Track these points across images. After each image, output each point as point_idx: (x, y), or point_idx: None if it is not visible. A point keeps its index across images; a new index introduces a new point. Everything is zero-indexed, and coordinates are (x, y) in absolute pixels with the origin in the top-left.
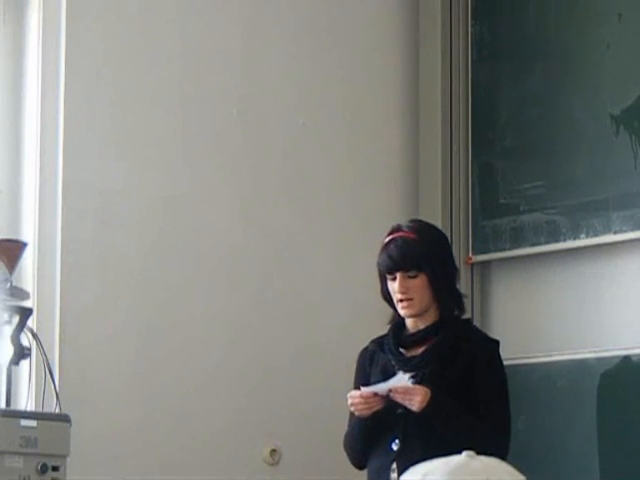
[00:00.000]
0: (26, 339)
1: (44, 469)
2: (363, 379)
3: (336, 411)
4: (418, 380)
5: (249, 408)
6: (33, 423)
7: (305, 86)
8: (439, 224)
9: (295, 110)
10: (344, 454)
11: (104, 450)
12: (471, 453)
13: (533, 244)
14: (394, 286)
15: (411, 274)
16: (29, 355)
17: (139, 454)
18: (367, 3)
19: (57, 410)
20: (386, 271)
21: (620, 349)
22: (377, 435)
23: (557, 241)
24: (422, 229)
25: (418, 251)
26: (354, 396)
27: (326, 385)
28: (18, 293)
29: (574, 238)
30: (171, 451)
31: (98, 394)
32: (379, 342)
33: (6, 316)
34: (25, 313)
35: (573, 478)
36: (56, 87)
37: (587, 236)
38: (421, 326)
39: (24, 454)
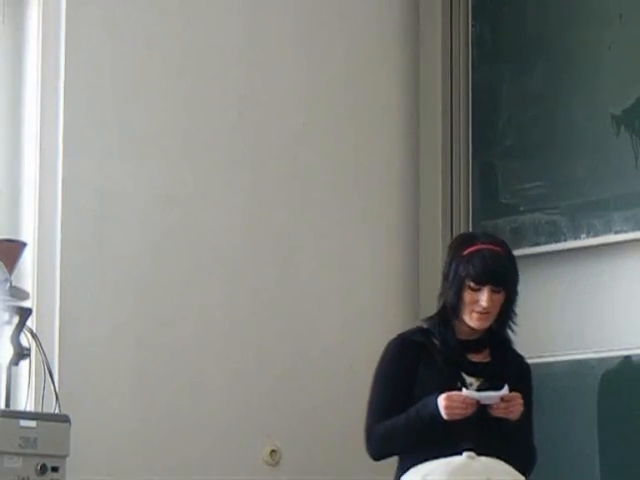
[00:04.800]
0: (26, 339)
1: (44, 470)
2: (408, 369)
3: (336, 411)
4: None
5: (249, 408)
6: (32, 423)
7: (306, 86)
8: (439, 224)
9: (296, 110)
10: (344, 454)
11: (104, 450)
12: (471, 454)
13: (533, 244)
14: (475, 296)
15: (496, 289)
16: (29, 355)
17: (139, 454)
18: (367, 3)
19: (57, 410)
20: (476, 280)
21: (621, 349)
22: (434, 440)
23: (557, 241)
24: (503, 244)
25: (507, 269)
26: (456, 399)
27: (326, 385)
28: (18, 293)
29: (574, 238)
30: (171, 451)
31: (98, 394)
32: (426, 336)
33: (6, 316)
34: (25, 313)
35: (573, 478)
36: (56, 87)
37: (588, 236)
38: (472, 333)
39: (23, 454)
